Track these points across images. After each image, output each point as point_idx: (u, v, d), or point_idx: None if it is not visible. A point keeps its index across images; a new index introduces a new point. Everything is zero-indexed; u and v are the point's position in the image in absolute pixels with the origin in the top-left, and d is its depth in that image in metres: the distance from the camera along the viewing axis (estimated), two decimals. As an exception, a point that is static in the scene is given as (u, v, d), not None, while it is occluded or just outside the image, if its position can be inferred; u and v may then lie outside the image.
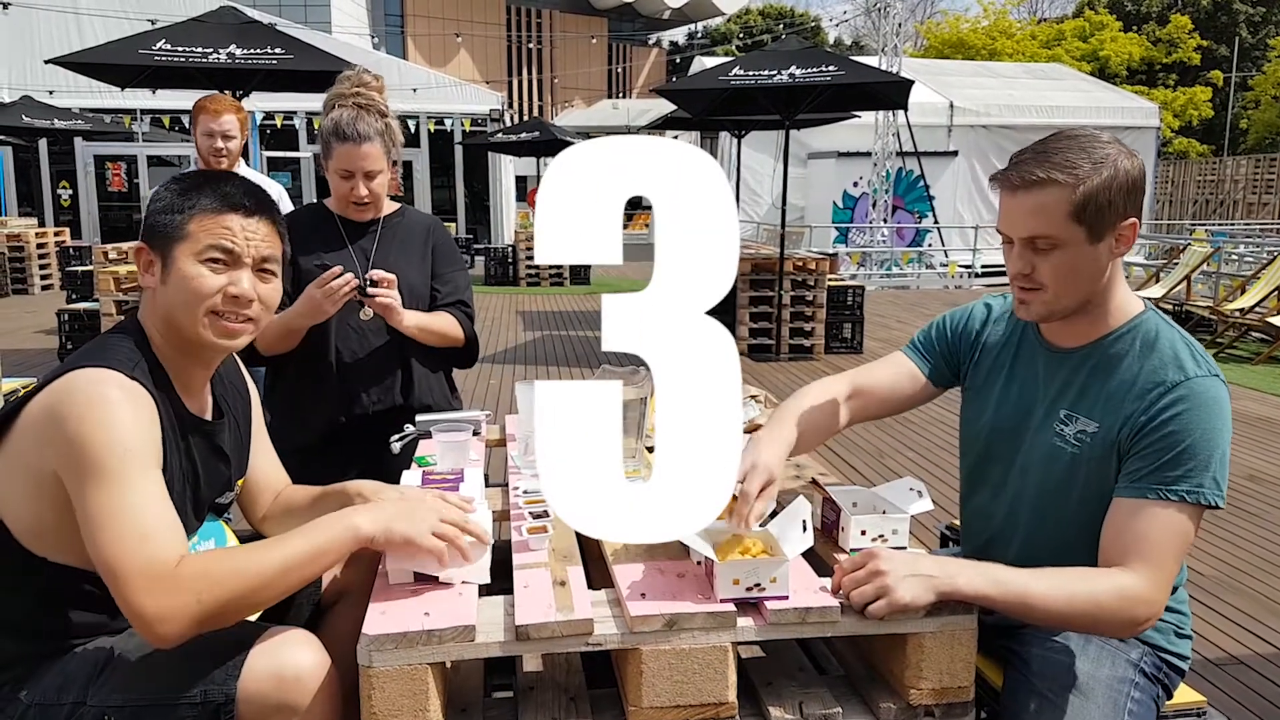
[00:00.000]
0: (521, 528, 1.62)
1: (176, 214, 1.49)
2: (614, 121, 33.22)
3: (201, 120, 3.74)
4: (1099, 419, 1.53)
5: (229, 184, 1.53)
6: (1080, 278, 1.50)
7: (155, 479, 1.37)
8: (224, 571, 1.32)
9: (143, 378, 1.42)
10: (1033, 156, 1.48)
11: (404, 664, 1.31)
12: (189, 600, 1.28)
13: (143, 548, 1.29)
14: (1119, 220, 1.47)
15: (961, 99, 17.23)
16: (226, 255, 1.49)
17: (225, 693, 1.34)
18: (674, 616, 1.34)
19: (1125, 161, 1.47)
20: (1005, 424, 1.68)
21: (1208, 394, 1.45)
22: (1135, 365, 1.51)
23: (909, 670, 1.38)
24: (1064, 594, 1.39)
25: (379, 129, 2.44)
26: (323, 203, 2.63)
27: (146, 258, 1.51)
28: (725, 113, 9.80)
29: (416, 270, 2.58)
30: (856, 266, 15.31)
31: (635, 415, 1.97)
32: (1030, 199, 1.47)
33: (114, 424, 1.33)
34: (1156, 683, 1.54)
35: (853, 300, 9.22)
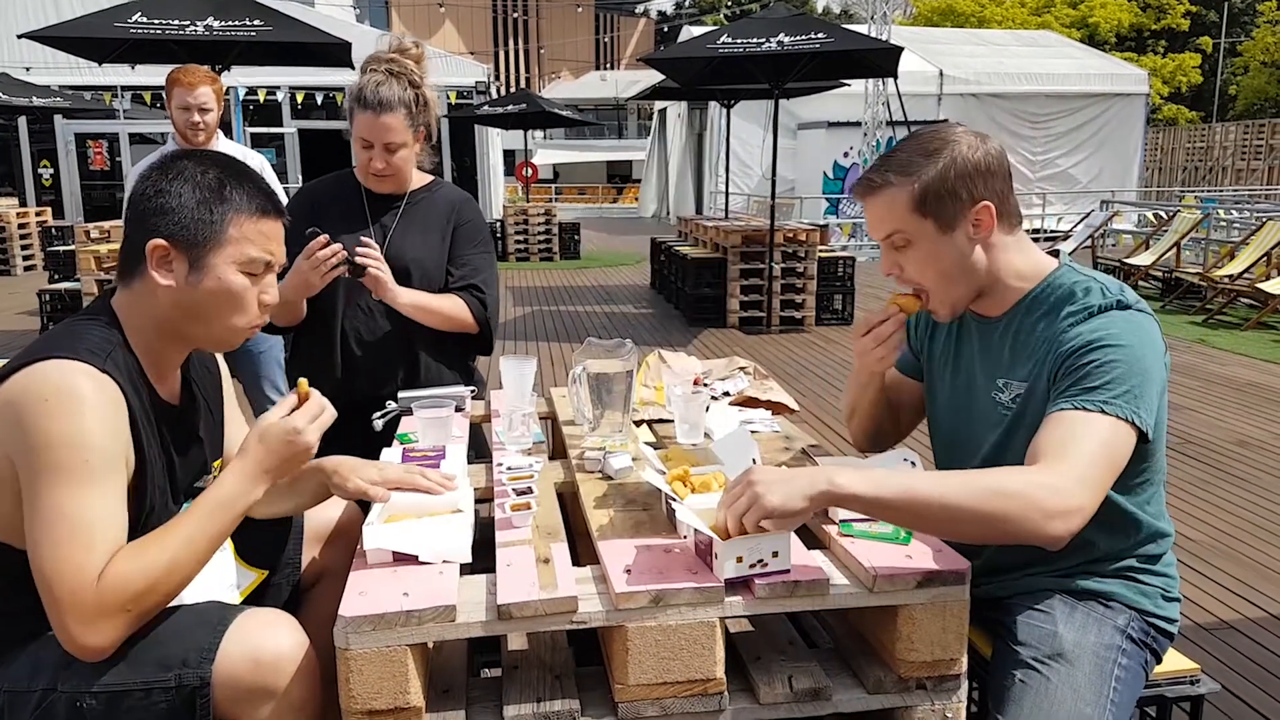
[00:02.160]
0: (505, 504, 1.59)
1: (210, 213, 1.41)
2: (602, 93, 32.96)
3: (176, 93, 3.64)
4: (1026, 377, 1.54)
5: (251, 180, 1.47)
6: (943, 266, 1.54)
7: (114, 483, 1.32)
8: (140, 572, 1.29)
9: (114, 369, 1.36)
10: (876, 164, 1.56)
11: (382, 646, 1.28)
12: (115, 615, 1.27)
13: (83, 560, 1.25)
14: (966, 207, 1.51)
15: (951, 67, 17.10)
16: (266, 268, 1.48)
17: (200, 676, 1.31)
18: (660, 593, 1.31)
19: (964, 150, 1.51)
20: (957, 403, 1.70)
21: (1114, 320, 1.46)
22: (1052, 318, 1.53)
23: (900, 643, 1.36)
24: (955, 485, 1.31)
25: (406, 99, 2.32)
26: (352, 171, 2.55)
27: (165, 255, 1.41)
28: (714, 82, 9.70)
29: (432, 250, 2.48)
30: (847, 238, 15.24)
31: (622, 389, 1.94)
32: (876, 202, 1.55)
33: (80, 422, 1.28)
34: (1145, 648, 1.52)
35: (843, 271, 9.18)
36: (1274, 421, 5.53)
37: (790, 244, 8.81)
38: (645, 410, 2.19)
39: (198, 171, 1.43)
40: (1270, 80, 32.42)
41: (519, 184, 17.22)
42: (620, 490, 1.71)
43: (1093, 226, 11.43)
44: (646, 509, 1.61)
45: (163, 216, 1.41)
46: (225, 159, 1.49)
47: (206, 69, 3.77)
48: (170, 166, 1.44)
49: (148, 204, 1.42)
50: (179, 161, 1.45)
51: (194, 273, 1.42)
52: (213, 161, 1.46)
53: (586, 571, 1.42)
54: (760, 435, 2.03)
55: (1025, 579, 1.58)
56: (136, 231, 1.43)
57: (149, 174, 1.44)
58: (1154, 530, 1.56)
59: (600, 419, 1.92)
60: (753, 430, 2.05)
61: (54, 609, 1.26)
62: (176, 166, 1.44)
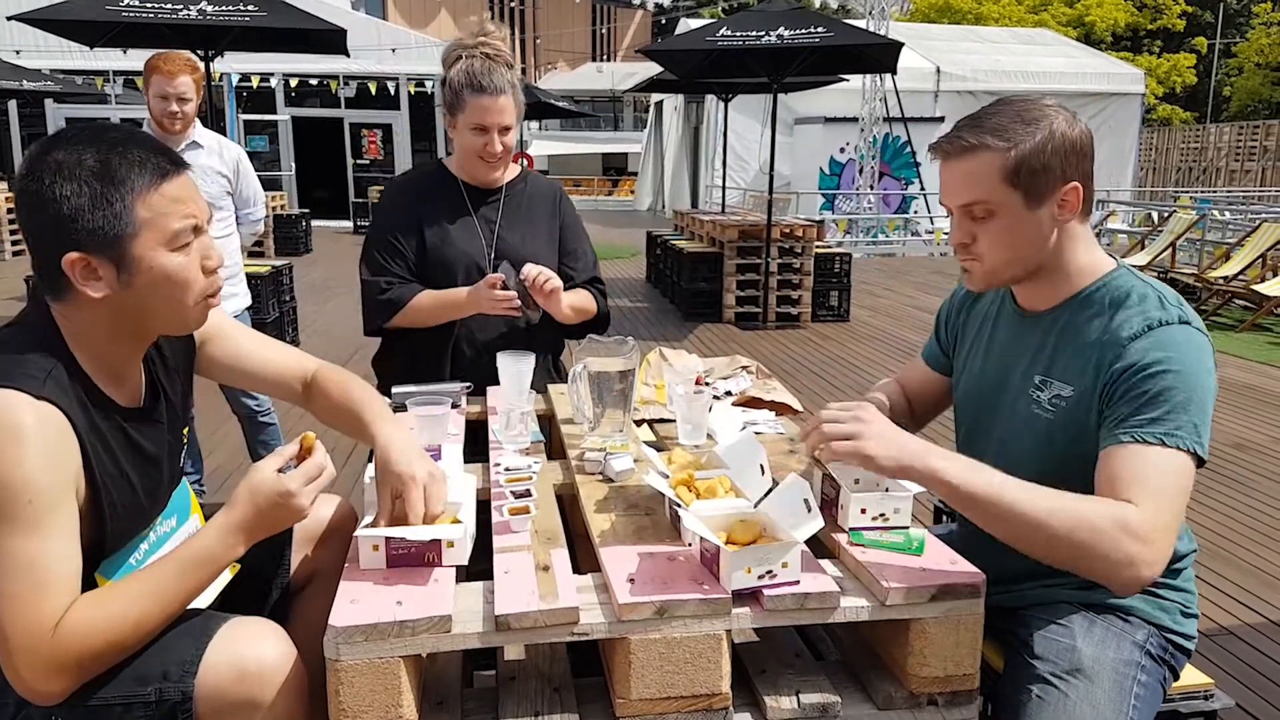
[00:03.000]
0: (502, 508, 1.53)
1: (110, 204, 1.26)
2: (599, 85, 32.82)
3: (155, 81, 3.54)
4: (1072, 381, 1.48)
5: (136, 142, 1.31)
6: (1020, 245, 1.47)
7: (62, 521, 1.23)
8: (101, 626, 1.22)
9: (55, 393, 1.25)
10: (967, 123, 1.47)
11: (374, 657, 1.22)
12: (70, 669, 1.21)
13: (37, 609, 1.18)
14: (1058, 184, 1.44)
15: (948, 64, 17.07)
16: (194, 232, 1.33)
17: (182, 690, 1.26)
18: (665, 604, 1.25)
19: (1063, 124, 1.44)
20: (985, 396, 1.65)
21: (1174, 339, 1.40)
22: (1105, 321, 1.46)
23: (912, 658, 1.31)
24: (1047, 503, 1.28)
25: (511, 81, 2.33)
26: (442, 163, 2.53)
27: (86, 265, 1.27)
28: (712, 75, 9.62)
29: (544, 246, 2.52)
30: (843, 234, 15.20)
31: (624, 387, 1.88)
32: (963, 165, 1.45)
33: (19, 462, 1.18)
34: (1163, 664, 1.48)
35: (840, 268, 9.14)
36: (1270, 424, 5.51)
37: (787, 239, 8.76)
38: (646, 410, 2.14)
39: (73, 162, 1.26)
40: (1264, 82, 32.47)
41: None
42: (622, 493, 1.66)
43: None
44: (649, 514, 1.56)
45: (62, 227, 1.25)
46: (95, 130, 1.31)
47: (188, 56, 3.67)
48: (42, 166, 1.26)
49: (40, 217, 1.26)
50: (48, 157, 1.26)
51: (123, 273, 1.29)
52: (83, 141, 1.28)
53: (588, 580, 1.36)
54: (764, 437, 1.98)
55: (1041, 590, 1.53)
56: (44, 250, 1.28)
57: (24, 183, 1.27)
58: (1176, 547, 1.51)
59: (600, 418, 1.87)
60: (756, 431, 2.00)
61: (6, 657, 1.19)
62: (48, 164, 1.26)
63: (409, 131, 19.36)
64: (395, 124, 19.30)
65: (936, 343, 1.85)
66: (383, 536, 1.37)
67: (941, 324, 1.83)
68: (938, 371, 1.84)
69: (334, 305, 9.58)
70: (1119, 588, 1.31)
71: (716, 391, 2.23)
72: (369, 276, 2.45)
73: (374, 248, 2.46)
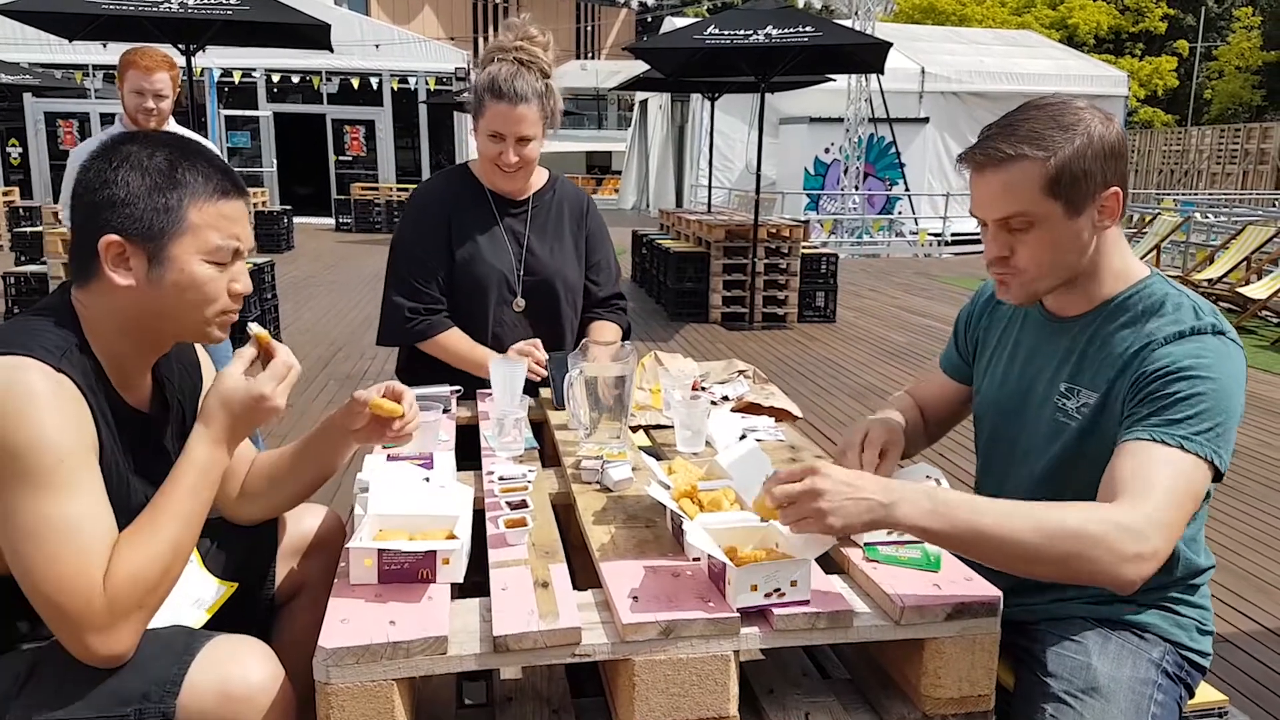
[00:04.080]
0: (498, 519, 1.47)
1: (165, 200, 1.29)
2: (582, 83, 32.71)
3: (130, 76, 3.46)
4: (1100, 389, 1.43)
5: (205, 158, 1.35)
6: (1060, 256, 1.41)
7: (91, 478, 1.23)
8: (147, 562, 1.22)
9: (70, 370, 1.25)
10: (999, 131, 1.40)
11: (366, 680, 1.16)
12: (131, 615, 1.20)
13: (84, 566, 1.18)
14: (1098, 190, 1.38)
15: (933, 65, 17.10)
16: (234, 255, 1.36)
17: (162, 712, 1.19)
18: (671, 624, 1.20)
19: (1100, 127, 1.38)
20: (1009, 404, 1.59)
21: (1207, 348, 1.35)
22: (1137, 328, 1.42)
23: (926, 678, 1.26)
24: (1026, 522, 1.21)
25: (539, 90, 2.23)
26: (468, 166, 2.45)
27: (120, 252, 1.29)
28: (699, 73, 9.58)
29: (569, 259, 2.46)
30: (828, 234, 15.20)
31: (621, 393, 1.83)
32: (999, 177, 1.38)
33: (43, 422, 1.18)
34: (1179, 682, 1.44)
35: (826, 268, 9.11)
36: (1262, 429, 5.52)
37: (774, 239, 8.72)
38: (642, 415, 2.09)
39: (144, 155, 1.31)
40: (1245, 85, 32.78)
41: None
42: (620, 504, 1.60)
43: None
44: (650, 525, 1.51)
45: (112, 210, 1.28)
46: (174, 137, 1.37)
47: (164, 53, 3.59)
48: (113, 152, 1.31)
49: (94, 197, 1.29)
50: (123, 146, 1.32)
51: (155, 268, 1.30)
52: (160, 142, 1.34)
53: (588, 597, 1.31)
54: (765, 444, 1.92)
55: (1055, 604, 1.49)
56: (85, 228, 1.30)
57: (90, 163, 1.31)
58: (1194, 562, 1.47)
59: (596, 425, 1.81)
60: (757, 438, 1.95)
61: (64, 624, 1.18)
62: (121, 152, 1.31)
63: (392, 128, 19.21)
64: (378, 120, 19.14)
65: (956, 350, 1.79)
66: (375, 551, 1.31)
67: (961, 330, 1.78)
68: (957, 380, 1.78)
69: (316, 303, 9.46)
70: (1120, 587, 1.24)
71: (713, 397, 2.18)
72: (400, 299, 2.36)
73: (405, 266, 2.37)
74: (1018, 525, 1.21)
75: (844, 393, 6.24)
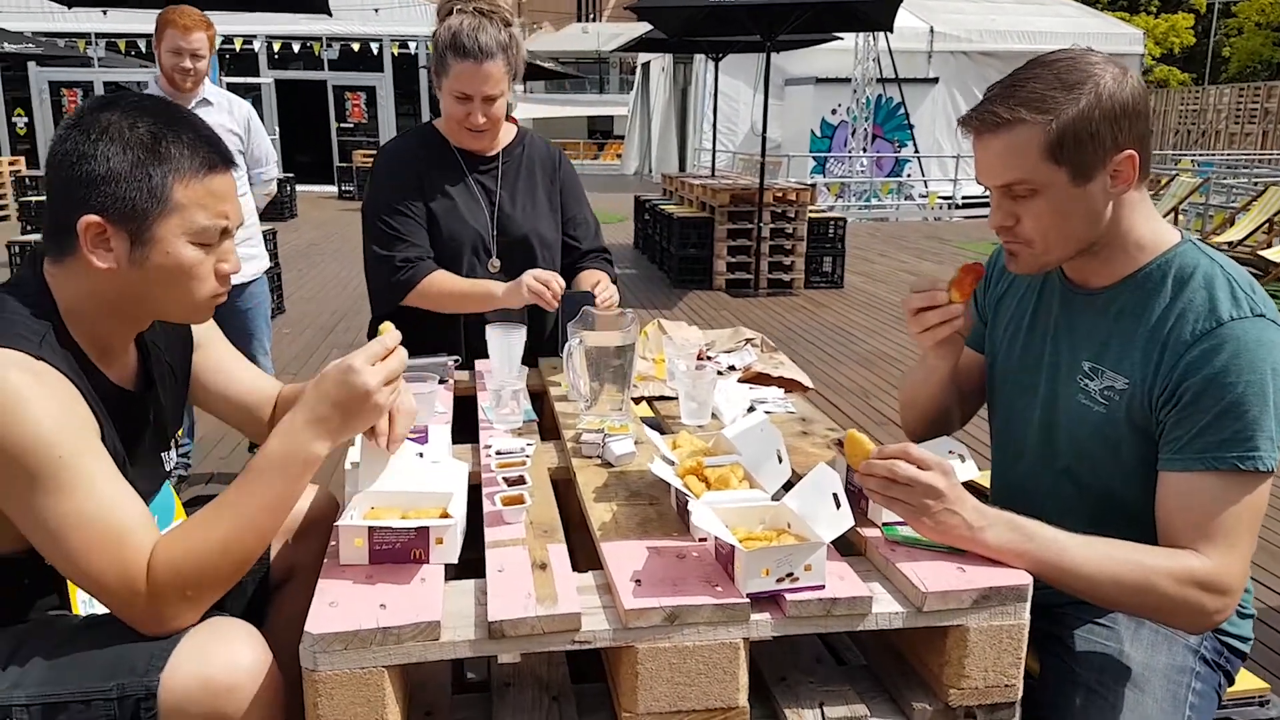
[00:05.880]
0: (495, 496, 1.40)
1: (149, 177, 1.20)
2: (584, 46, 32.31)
3: (168, 35, 3.40)
4: (1128, 373, 1.33)
5: (191, 127, 1.25)
6: (1070, 225, 1.31)
7: (99, 463, 1.18)
8: (190, 557, 1.16)
9: (50, 355, 1.18)
10: (1000, 93, 1.30)
11: (355, 668, 1.09)
12: (178, 602, 1.16)
13: (119, 556, 1.14)
14: (1109, 155, 1.27)
15: (943, 24, 16.76)
16: (221, 234, 1.27)
17: (145, 686, 1.14)
18: (676, 610, 1.13)
19: (1110, 84, 1.26)
20: (1027, 377, 1.49)
21: (1246, 338, 1.24)
22: (1166, 308, 1.31)
23: (949, 667, 1.19)
24: (1110, 571, 1.20)
25: (503, 42, 2.09)
26: (433, 125, 2.33)
27: (100, 233, 1.21)
28: (702, 33, 9.39)
29: (544, 216, 2.34)
30: (835, 198, 15.01)
31: (623, 363, 1.75)
32: (999, 142, 1.29)
33: (36, 418, 1.12)
34: (1218, 669, 1.37)
35: (834, 233, 8.98)
36: None
37: (780, 204, 8.59)
38: (644, 386, 2.01)
39: (125, 126, 1.21)
40: (1265, 42, 32.18)
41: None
42: (623, 480, 1.53)
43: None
44: (654, 503, 1.43)
45: (91, 187, 1.19)
46: (157, 104, 1.27)
47: (202, 13, 3.52)
48: (91, 122, 1.21)
49: (71, 171, 1.20)
50: (101, 114, 1.22)
51: (137, 249, 1.22)
52: (142, 109, 1.24)
53: (589, 579, 1.24)
54: (774, 417, 1.85)
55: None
56: (62, 204, 1.22)
57: (67, 133, 1.21)
58: None
59: (597, 396, 1.74)
60: (765, 410, 1.87)
61: (114, 609, 1.17)
62: (99, 121, 1.21)
63: (393, 94, 18.99)
64: (379, 86, 18.92)
65: (976, 312, 1.68)
66: (366, 529, 1.24)
67: (978, 295, 1.67)
68: (977, 350, 1.67)
69: (319, 271, 9.38)
70: (1193, 632, 1.28)
71: (719, 366, 2.10)
72: (383, 251, 2.21)
73: (380, 217, 2.23)
74: (1105, 568, 1.21)
75: (852, 360, 6.15)
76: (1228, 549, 1.21)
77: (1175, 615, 1.23)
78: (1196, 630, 1.26)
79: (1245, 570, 1.23)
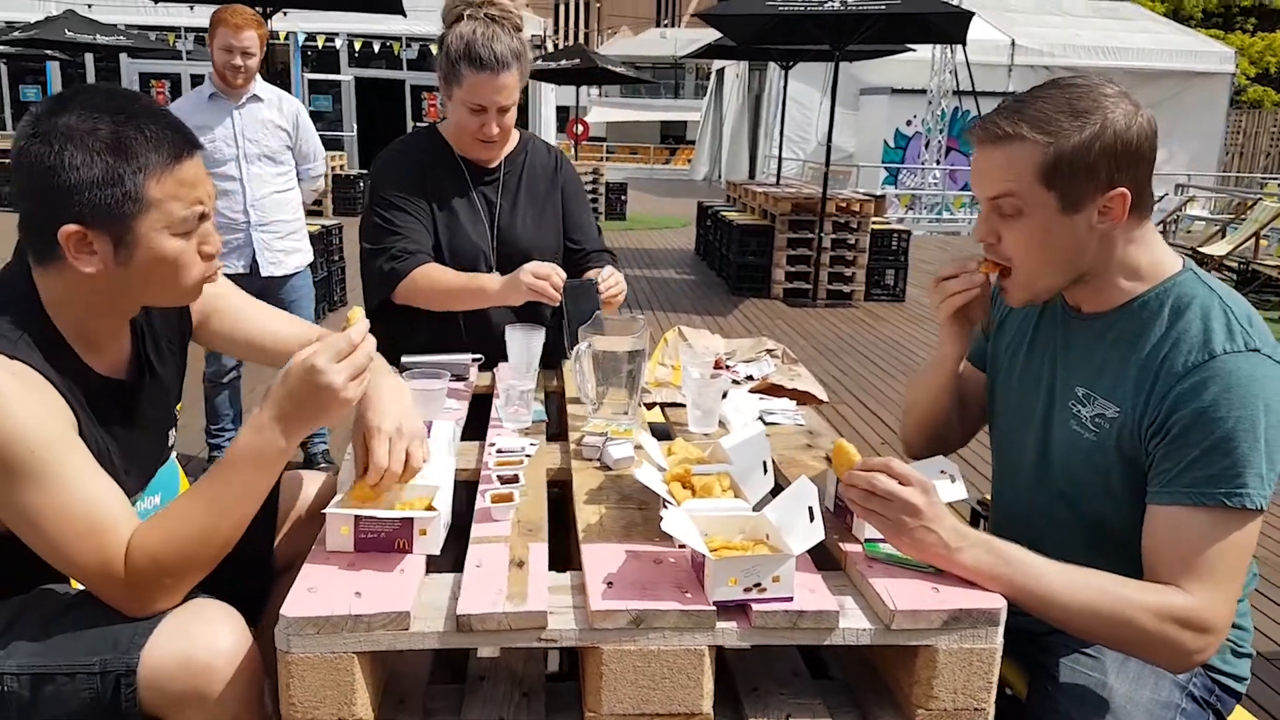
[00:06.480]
0: (486, 493, 1.43)
1: (120, 180, 1.20)
2: (661, 51, 32.41)
3: (220, 34, 3.54)
4: (1120, 402, 1.30)
5: (151, 116, 1.24)
6: (1050, 252, 1.29)
7: (75, 460, 1.21)
8: (166, 544, 1.20)
9: (27, 354, 1.21)
10: (1009, 107, 1.30)
11: (327, 652, 1.13)
12: (155, 588, 1.21)
13: (95, 546, 1.18)
14: (1102, 189, 1.24)
15: (1024, 37, 16.39)
16: (200, 220, 1.28)
17: (126, 663, 1.18)
18: (641, 613, 1.14)
19: (1120, 119, 1.24)
20: (1021, 400, 1.47)
21: (1239, 373, 1.20)
22: (1161, 338, 1.28)
23: (918, 687, 1.17)
24: (1086, 600, 1.18)
25: (516, 50, 2.03)
26: (436, 129, 2.27)
27: (82, 239, 1.21)
28: (772, 41, 9.34)
29: (546, 229, 2.31)
30: (905, 209, 14.79)
31: (632, 369, 1.76)
32: (997, 154, 1.28)
33: (13, 415, 1.16)
34: (1207, 708, 1.33)
35: (898, 245, 8.86)
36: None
37: (842, 214, 8.50)
38: (658, 392, 2.01)
39: (85, 130, 1.19)
40: (1366, 64, 30.74)
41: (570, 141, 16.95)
42: (617, 484, 1.54)
43: (1164, 212, 10.90)
44: (642, 508, 1.44)
45: (63, 197, 1.19)
46: (110, 97, 1.24)
47: (253, 12, 3.65)
48: (50, 129, 1.19)
49: (40, 183, 1.19)
50: (58, 119, 1.19)
51: (121, 250, 1.23)
52: (97, 107, 1.22)
53: (565, 579, 1.25)
54: (781, 428, 1.84)
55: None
56: (38, 214, 1.22)
57: (28, 144, 1.20)
58: None
59: (603, 400, 1.75)
60: (773, 421, 1.86)
61: (98, 595, 1.22)
62: (58, 128, 1.19)
63: (468, 94, 19.28)
64: (455, 86, 19.24)
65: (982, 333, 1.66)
66: (352, 517, 1.27)
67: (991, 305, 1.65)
68: (981, 369, 1.66)
69: (384, 266, 9.56)
70: (1175, 671, 1.25)
71: (736, 376, 2.09)
72: (373, 246, 2.15)
73: (376, 211, 2.17)
74: (1080, 597, 1.19)
75: (905, 374, 6.05)
76: (1212, 586, 1.18)
77: (1154, 651, 1.20)
78: (1178, 669, 1.23)
79: (1230, 609, 1.20)
